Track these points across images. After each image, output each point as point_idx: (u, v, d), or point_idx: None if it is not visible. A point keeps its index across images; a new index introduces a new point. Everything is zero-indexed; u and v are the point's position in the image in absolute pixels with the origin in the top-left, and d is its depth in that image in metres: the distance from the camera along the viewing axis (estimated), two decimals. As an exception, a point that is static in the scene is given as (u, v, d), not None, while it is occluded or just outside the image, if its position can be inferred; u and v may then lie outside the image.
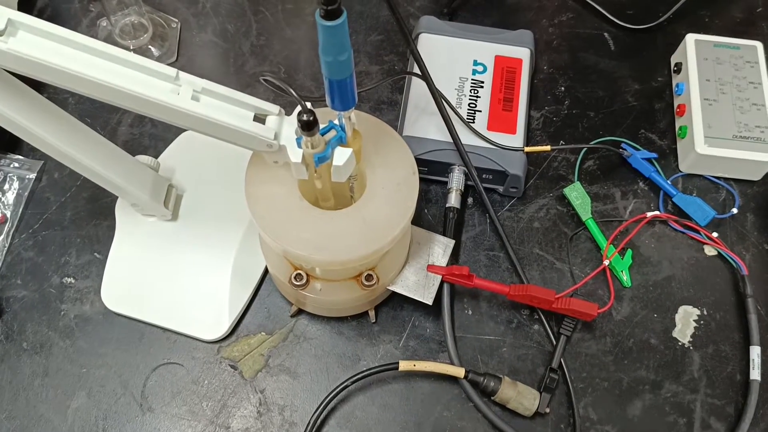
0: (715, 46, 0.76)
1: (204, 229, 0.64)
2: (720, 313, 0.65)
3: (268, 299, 0.64)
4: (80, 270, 0.65)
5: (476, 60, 0.73)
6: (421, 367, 0.58)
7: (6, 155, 0.70)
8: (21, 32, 0.42)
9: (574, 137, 0.75)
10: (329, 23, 0.38)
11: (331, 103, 0.45)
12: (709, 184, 0.72)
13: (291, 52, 0.79)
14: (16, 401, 0.59)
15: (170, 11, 0.81)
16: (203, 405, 0.59)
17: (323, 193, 0.53)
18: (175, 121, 0.47)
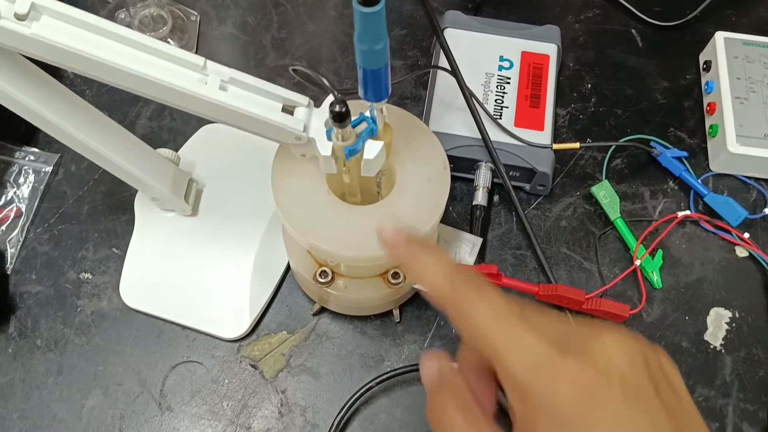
0: (744, 44, 0.75)
1: (224, 224, 0.63)
2: (752, 315, 0.64)
3: (289, 297, 0.63)
4: (98, 265, 0.63)
5: (502, 56, 0.71)
6: (447, 368, 0.57)
7: (21, 148, 0.68)
8: (45, 17, 0.41)
9: (601, 135, 0.73)
10: (367, 10, 0.37)
11: (364, 94, 0.44)
12: (740, 183, 0.71)
13: (312, 46, 0.78)
14: (29, 400, 0.58)
15: (190, 3, 0.80)
16: (223, 405, 0.58)
17: (351, 188, 0.52)
18: (201, 111, 0.46)
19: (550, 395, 0.28)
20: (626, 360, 0.29)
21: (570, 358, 0.28)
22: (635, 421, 0.27)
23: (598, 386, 0.28)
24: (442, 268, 0.34)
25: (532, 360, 0.29)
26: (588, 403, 0.27)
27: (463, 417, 0.32)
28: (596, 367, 0.28)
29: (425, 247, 0.36)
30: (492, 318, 0.30)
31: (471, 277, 0.33)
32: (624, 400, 0.27)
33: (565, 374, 0.28)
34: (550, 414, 0.28)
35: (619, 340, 0.29)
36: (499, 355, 0.30)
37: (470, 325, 0.31)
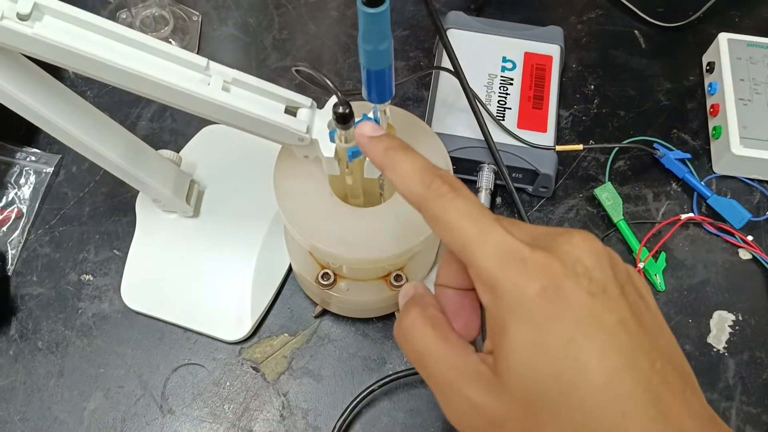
0: (748, 45, 0.74)
1: (226, 226, 0.63)
2: (755, 318, 0.63)
3: (291, 299, 0.62)
4: (99, 267, 0.63)
5: (505, 57, 0.71)
6: (450, 371, 0.56)
7: (22, 148, 0.68)
8: (47, 17, 0.41)
9: (604, 137, 0.73)
10: (372, 10, 0.36)
11: (368, 95, 0.43)
12: (744, 186, 0.70)
13: (314, 47, 0.78)
14: (30, 402, 0.57)
15: (191, 4, 0.79)
16: (225, 407, 0.57)
17: (353, 190, 0.52)
18: (204, 112, 0.45)
19: (519, 289, 0.28)
20: (593, 260, 0.29)
21: (538, 253, 0.29)
22: (601, 318, 0.27)
23: (566, 282, 0.28)
24: (417, 168, 0.33)
25: (502, 255, 0.29)
26: (555, 298, 0.28)
27: (431, 331, 0.32)
28: (564, 263, 0.28)
29: (402, 148, 0.35)
30: (465, 215, 0.30)
31: (446, 178, 0.32)
32: (590, 296, 0.28)
33: (533, 268, 0.28)
34: (519, 309, 0.28)
35: (587, 242, 0.29)
36: (471, 252, 0.30)
37: (444, 224, 0.31)
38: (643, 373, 0.27)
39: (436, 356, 0.31)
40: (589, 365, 0.27)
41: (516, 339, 0.28)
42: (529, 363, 0.28)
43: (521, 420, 0.28)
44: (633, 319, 0.28)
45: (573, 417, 0.27)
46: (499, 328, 0.29)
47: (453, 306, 0.35)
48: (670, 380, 0.27)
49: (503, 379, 0.28)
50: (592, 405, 0.27)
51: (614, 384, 0.26)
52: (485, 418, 0.29)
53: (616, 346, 0.27)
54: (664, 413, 0.27)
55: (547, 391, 0.27)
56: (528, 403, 0.28)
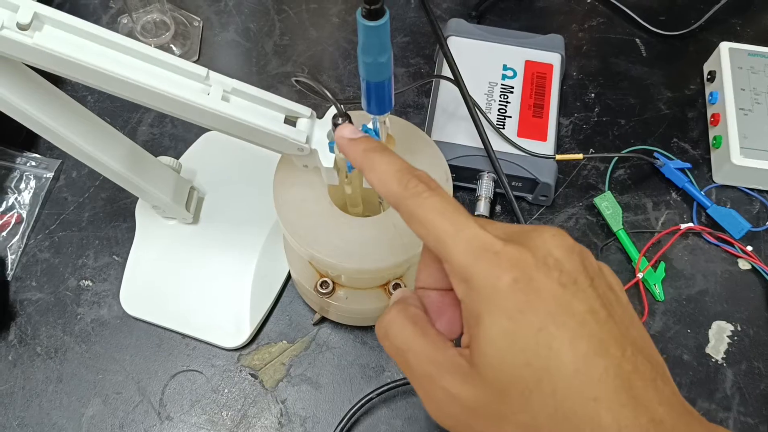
0: (749, 54, 0.74)
1: (225, 233, 0.63)
2: (754, 329, 0.63)
3: (290, 306, 0.62)
4: (98, 273, 0.63)
5: (506, 65, 0.71)
6: (448, 380, 0.56)
7: (23, 153, 0.68)
8: (47, 27, 0.41)
9: (604, 145, 0.73)
10: (372, 23, 0.36)
11: (367, 107, 0.43)
12: (743, 195, 0.70)
13: (315, 52, 0.78)
14: (29, 408, 0.57)
15: (192, 9, 0.79)
16: (223, 414, 0.58)
17: (352, 199, 0.52)
18: (204, 122, 0.45)
19: (492, 281, 0.29)
20: (564, 253, 0.30)
21: (511, 246, 0.30)
22: (572, 307, 0.28)
23: (537, 273, 0.29)
24: (394, 168, 0.34)
25: (475, 248, 0.30)
26: (527, 289, 0.28)
27: (411, 327, 0.33)
28: (536, 256, 0.29)
29: (380, 149, 0.36)
30: (440, 213, 0.31)
31: (422, 178, 0.33)
32: (561, 286, 0.29)
33: (505, 260, 0.29)
34: (492, 300, 0.29)
35: (558, 237, 0.31)
36: (446, 246, 0.30)
37: (420, 221, 0.32)
38: (614, 360, 0.28)
39: (415, 351, 0.32)
40: (560, 352, 0.28)
41: (490, 328, 0.29)
42: (502, 351, 0.28)
43: (495, 406, 0.29)
44: (603, 309, 0.29)
45: (545, 402, 0.28)
46: (474, 319, 0.30)
47: (435, 306, 0.35)
48: (640, 368, 0.28)
49: (478, 368, 0.29)
50: (564, 390, 0.27)
51: (585, 370, 0.27)
52: (461, 406, 0.30)
53: (586, 334, 0.28)
54: (634, 398, 0.27)
55: (520, 378, 0.28)
56: (502, 390, 0.28)
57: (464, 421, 0.30)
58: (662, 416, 0.28)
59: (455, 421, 0.31)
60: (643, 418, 0.27)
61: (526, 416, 0.28)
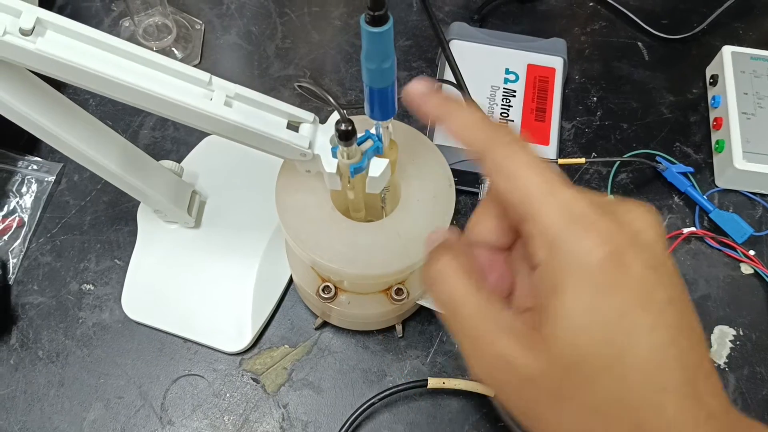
0: (752, 58, 0.74)
1: (227, 237, 0.63)
2: (756, 333, 0.63)
3: (291, 311, 0.62)
4: (100, 276, 0.63)
5: (508, 68, 0.71)
6: (450, 384, 0.56)
7: (24, 157, 0.68)
8: (50, 32, 0.41)
9: (607, 149, 0.73)
10: (375, 29, 0.36)
11: (370, 112, 0.43)
12: (746, 200, 0.70)
13: (317, 55, 0.78)
14: (30, 412, 0.57)
15: (194, 12, 0.79)
16: (225, 419, 0.57)
17: (355, 204, 0.52)
18: (206, 127, 0.45)
19: (584, 252, 0.27)
20: (655, 235, 0.29)
21: (607, 219, 0.28)
22: (655, 293, 0.27)
23: (629, 252, 0.27)
24: (479, 117, 0.32)
25: (569, 213, 0.28)
26: (617, 268, 0.27)
27: (465, 278, 0.31)
28: (629, 233, 0.28)
29: (460, 101, 0.34)
30: (531, 168, 0.29)
31: (508, 129, 0.31)
32: (649, 269, 0.27)
33: (601, 233, 0.27)
34: (580, 272, 0.27)
35: (651, 216, 0.29)
36: (534, 206, 0.29)
37: (508, 174, 0.29)
38: (684, 351, 0.27)
39: (468, 305, 0.30)
40: (638, 338, 0.27)
41: (572, 301, 0.27)
42: (580, 327, 0.27)
43: (557, 382, 0.28)
44: (679, 298, 0.28)
45: (611, 386, 0.27)
46: (553, 287, 0.28)
47: (484, 263, 0.34)
48: (702, 362, 0.28)
49: (546, 339, 0.28)
50: (634, 376, 0.27)
51: (659, 359, 0.27)
52: (517, 374, 0.29)
53: (664, 323, 0.27)
54: (696, 392, 0.27)
55: (593, 358, 0.27)
56: (569, 366, 0.27)
57: (516, 387, 0.29)
58: (716, 411, 0.27)
59: (504, 385, 0.30)
60: (702, 412, 0.27)
61: (589, 397, 0.27)
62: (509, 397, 0.30)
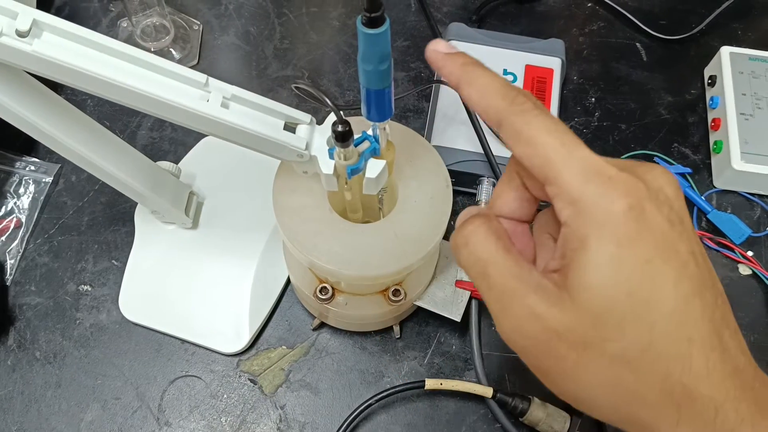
0: (750, 59, 0.74)
1: (225, 238, 0.62)
2: (755, 335, 0.63)
3: (289, 312, 0.62)
4: (97, 277, 0.63)
5: (506, 69, 0.71)
6: (448, 385, 0.56)
7: (22, 158, 0.68)
8: (46, 34, 0.41)
9: (605, 150, 0.73)
10: (372, 31, 0.36)
11: (367, 114, 0.43)
12: (744, 200, 0.70)
13: (315, 56, 0.78)
14: (28, 413, 0.57)
15: (192, 13, 0.79)
16: (222, 420, 0.57)
17: (352, 205, 0.52)
18: (203, 128, 0.45)
19: (606, 205, 0.28)
20: (674, 192, 0.30)
21: (625, 174, 0.29)
22: (677, 246, 0.28)
23: (649, 205, 0.28)
24: (498, 83, 0.33)
25: (588, 170, 0.29)
26: (639, 219, 0.28)
27: (495, 239, 0.32)
28: (649, 188, 0.29)
29: (479, 64, 0.35)
30: (550, 131, 0.30)
31: (528, 95, 0.32)
32: (669, 223, 0.28)
33: (621, 186, 0.28)
34: (603, 224, 0.28)
35: (668, 175, 0.30)
36: (556, 167, 0.29)
37: (527, 139, 0.30)
38: (708, 305, 0.28)
39: (499, 263, 0.31)
40: (663, 288, 0.27)
41: (596, 253, 0.28)
42: (606, 277, 0.28)
43: (585, 332, 0.28)
44: (700, 254, 0.29)
45: (640, 335, 0.28)
46: (579, 242, 0.29)
47: (509, 229, 0.35)
48: (727, 318, 0.29)
49: (573, 292, 0.29)
50: (662, 326, 0.27)
51: (684, 309, 0.27)
52: (545, 327, 0.29)
53: (688, 275, 0.28)
54: (722, 345, 0.28)
55: (619, 307, 0.28)
56: (596, 316, 0.28)
57: (544, 343, 0.30)
58: (744, 365, 0.28)
59: (533, 342, 0.30)
60: (729, 365, 0.28)
61: (616, 346, 0.28)
62: (536, 354, 0.31)
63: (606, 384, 0.29)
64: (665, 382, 0.28)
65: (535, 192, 0.34)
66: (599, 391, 0.29)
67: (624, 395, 0.29)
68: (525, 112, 0.31)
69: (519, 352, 0.31)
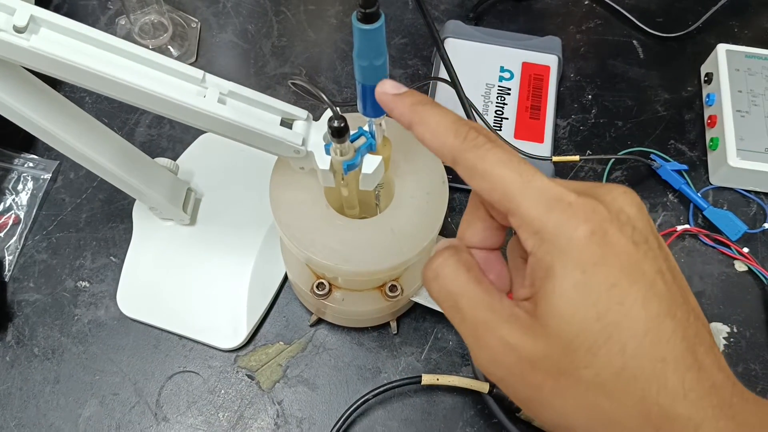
0: (746, 56, 0.74)
1: (223, 234, 0.63)
2: (750, 330, 0.63)
3: (286, 308, 0.63)
4: (95, 274, 0.63)
5: (503, 66, 0.71)
6: (444, 381, 0.57)
7: (20, 155, 0.68)
8: (44, 29, 0.41)
9: (602, 147, 0.73)
10: (367, 27, 0.36)
11: (363, 110, 0.43)
12: (740, 197, 0.70)
13: (313, 54, 0.78)
14: (26, 409, 0.58)
15: (190, 11, 0.80)
16: (219, 416, 0.58)
17: (349, 201, 0.52)
18: (200, 124, 0.45)
19: (568, 232, 0.28)
20: (636, 212, 0.29)
21: (584, 198, 0.29)
22: (643, 266, 0.28)
23: (611, 228, 0.28)
24: (449, 120, 0.32)
25: (547, 199, 0.29)
26: (602, 243, 0.28)
27: (465, 272, 0.32)
28: (610, 210, 0.29)
29: (429, 102, 0.34)
30: (505, 164, 0.30)
31: (480, 129, 0.32)
32: (634, 244, 0.28)
33: (581, 211, 0.28)
34: (566, 251, 0.28)
35: (629, 195, 0.30)
36: (515, 199, 0.29)
37: (483, 175, 0.30)
38: (680, 323, 0.28)
39: (469, 296, 0.31)
40: (632, 310, 0.27)
41: (562, 280, 0.28)
42: (573, 303, 0.28)
43: (558, 360, 0.28)
44: (668, 272, 0.29)
45: (612, 359, 0.27)
46: (545, 271, 0.29)
47: (481, 263, 0.34)
48: (701, 333, 0.28)
49: (543, 320, 0.28)
50: (633, 349, 0.27)
51: (655, 330, 0.27)
52: (520, 357, 0.29)
53: (656, 294, 0.28)
54: (698, 363, 0.27)
55: (589, 332, 0.27)
56: (567, 343, 0.28)
57: (518, 373, 0.29)
58: (721, 382, 0.28)
59: (508, 372, 0.30)
60: (706, 383, 0.27)
61: (590, 372, 0.28)
62: (513, 384, 0.30)
63: (583, 410, 0.29)
64: (641, 405, 0.27)
65: (500, 220, 0.34)
66: (577, 418, 0.29)
67: (602, 420, 0.28)
68: (478, 147, 0.31)
69: (498, 383, 0.31)
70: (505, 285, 0.35)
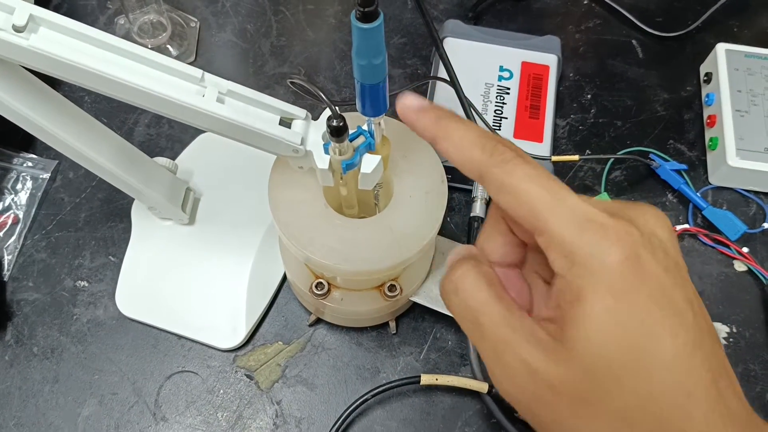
0: (746, 56, 0.74)
1: (221, 234, 0.63)
2: (750, 331, 0.63)
3: (285, 307, 0.63)
4: (94, 273, 0.63)
5: (502, 66, 0.71)
6: (443, 381, 0.56)
7: (19, 154, 0.68)
8: (43, 29, 0.41)
9: (601, 147, 0.73)
10: (365, 26, 0.36)
11: (362, 109, 0.43)
12: (739, 197, 0.70)
13: (311, 53, 0.78)
14: (25, 408, 0.58)
15: (189, 10, 0.80)
16: (218, 415, 0.58)
17: (348, 200, 0.52)
18: (199, 123, 0.45)
19: (602, 256, 0.27)
20: (668, 235, 0.29)
21: (618, 220, 0.28)
22: (673, 294, 0.27)
23: (645, 253, 0.27)
24: (474, 135, 0.31)
25: (579, 220, 0.28)
26: (635, 270, 0.27)
27: (486, 286, 0.31)
28: (642, 233, 0.28)
29: (453, 117, 0.33)
30: (534, 181, 0.29)
31: (506, 143, 0.31)
32: (665, 270, 0.27)
33: (614, 235, 0.27)
34: (599, 278, 0.27)
35: (661, 218, 0.29)
36: (544, 218, 0.28)
37: (511, 191, 0.29)
38: (707, 355, 0.27)
39: (490, 313, 0.30)
40: (662, 340, 0.27)
41: (593, 306, 0.27)
42: (603, 331, 0.27)
43: (583, 388, 0.28)
44: (696, 299, 0.28)
45: (638, 389, 0.27)
46: (574, 295, 0.28)
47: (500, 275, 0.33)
48: (723, 365, 0.28)
49: (570, 345, 0.28)
50: (661, 379, 0.27)
51: (684, 361, 0.27)
52: (542, 382, 0.28)
53: (685, 324, 0.27)
54: (721, 395, 0.27)
55: (617, 362, 0.27)
56: (593, 371, 0.27)
57: (540, 397, 0.29)
58: (739, 410, 0.28)
59: (529, 394, 0.29)
60: (726, 415, 0.27)
61: (616, 403, 0.27)
62: (532, 407, 0.30)
63: None
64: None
65: (522, 237, 0.34)
66: None
67: None
68: (505, 162, 0.30)
69: (515, 404, 0.30)
70: (526, 303, 0.34)
